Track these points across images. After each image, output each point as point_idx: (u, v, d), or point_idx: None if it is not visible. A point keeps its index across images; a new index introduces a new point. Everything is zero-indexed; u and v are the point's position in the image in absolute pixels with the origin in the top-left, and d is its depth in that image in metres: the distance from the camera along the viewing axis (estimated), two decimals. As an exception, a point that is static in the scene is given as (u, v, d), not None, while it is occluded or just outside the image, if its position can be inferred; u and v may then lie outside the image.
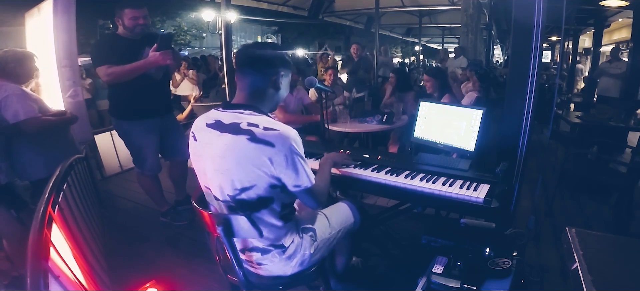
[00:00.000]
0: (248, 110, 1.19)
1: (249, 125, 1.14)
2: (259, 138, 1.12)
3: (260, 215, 1.21)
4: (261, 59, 1.21)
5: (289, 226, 1.30)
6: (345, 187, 1.86)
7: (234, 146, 1.14)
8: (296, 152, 1.16)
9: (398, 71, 4.06)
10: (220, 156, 1.16)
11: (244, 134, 1.13)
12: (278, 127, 1.15)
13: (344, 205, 1.58)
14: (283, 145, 1.13)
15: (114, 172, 3.79)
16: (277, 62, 1.23)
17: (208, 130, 1.21)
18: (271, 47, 1.26)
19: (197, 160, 1.26)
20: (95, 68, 2.24)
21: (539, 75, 1.68)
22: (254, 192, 1.17)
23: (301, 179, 1.19)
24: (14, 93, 1.99)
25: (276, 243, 1.27)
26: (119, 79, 2.21)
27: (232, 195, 1.19)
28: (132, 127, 2.40)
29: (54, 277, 1.08)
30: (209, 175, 1.23)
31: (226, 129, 1.16)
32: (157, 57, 2.21)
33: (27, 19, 3.60)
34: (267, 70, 1.22)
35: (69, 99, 2.98)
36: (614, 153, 3.70)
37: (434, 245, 1.57)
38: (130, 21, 2.23)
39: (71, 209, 1.68)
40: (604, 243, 0.98)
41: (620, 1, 5.10)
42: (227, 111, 1.21)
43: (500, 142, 1.86)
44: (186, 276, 2.06)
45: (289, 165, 1.15)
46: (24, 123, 1.99)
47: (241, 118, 1.16)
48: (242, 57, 1.24)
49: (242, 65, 1.23)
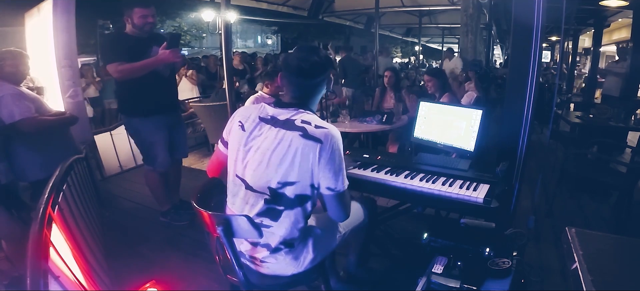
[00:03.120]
0: (302, 109, 1.25)
1: (302, 123, 1.20)
2: (310, 135, 1.18)
3: (293, 212, 1.24)
4: (315, 67, 1.25)
5: (305, 228, 1.31)
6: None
7: (287, 141, 1.19)
8: (338, 153, 1.20)
9: (393, 69, 4.05)
10: (271, 149, 1.20)
11: (297, 130, 1.19)
12: (327, 126, 1.21)
13: (355, 204, 1.58)
14: (330, 142, 1.18)
15: (114, 172, 3.79)
16: (328, 67, 1.29)
17: (261, 123, 1.26)
18: (316, 51, 1.29)
19: (239, 149, 1.28)
20: (106, 65, 2.27)
21: (539, 75, 1.68)
22: (296, 189, 1.20)
23: (337, 181, 1.21)
24: (9, 93, 1.99)
25: (288, 241, 1.27)
26: (130, 76, 2.25)
27: (274, 187, 1.21)
28: (144, 124, 2.43)
29: (53, 277, 1.08)
30: (250, 165, 1.25)
31: (280, 125, 1.22)
32: (167, 54, 2.27)
33: (26, 19, 3.60)
34: (319, 75, 1.27)
35: (68, 99, 2.98)
36: (614, 153, 3.70)
37: (434, 245, 1.57)
38: (140, 19, 2.28)
39: (71, 209, 1.68)
40: (604, 243, 0.98)
41: (620, 1, 5.10)
42: (281, 109, 1.26)
43: (500, 142, 1.86)
44: (186, 276, 2.06)
45: (329, 164, 1.18)
46: (20, 124, 1.98)
47: (295, 116, 1.23)
48: (296, 63, 1.25)
49: (295, 73, 1.26)
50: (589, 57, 9.90)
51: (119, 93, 2.51)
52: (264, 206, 1.24)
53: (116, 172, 3.80)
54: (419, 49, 12.51)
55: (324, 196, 1.24)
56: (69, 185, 1.76)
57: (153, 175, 2.56)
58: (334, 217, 1.31)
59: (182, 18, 14.99)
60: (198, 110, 4.41)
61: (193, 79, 5.62)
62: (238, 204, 1.30)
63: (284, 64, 1.30)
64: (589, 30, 9.88)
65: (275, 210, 1.23)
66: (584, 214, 2.83)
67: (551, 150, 3.74)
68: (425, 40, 15.51)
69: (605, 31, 8.65)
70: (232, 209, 1.33)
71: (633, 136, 3.95)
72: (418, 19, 9.31)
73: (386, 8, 7.39)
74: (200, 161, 4.37)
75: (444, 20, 9.77)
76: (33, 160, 2.14)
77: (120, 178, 3.73)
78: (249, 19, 13.18)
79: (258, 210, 1.24)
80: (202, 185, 1.42)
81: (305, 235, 1.32)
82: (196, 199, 1.30)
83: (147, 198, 2.71)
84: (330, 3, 8.03)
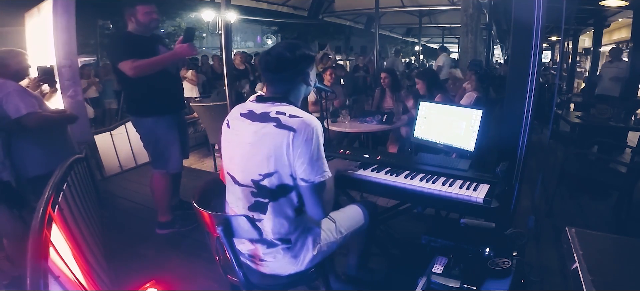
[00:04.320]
0: (278, 102, 1.25)
1: (277, 114, 1.20)
2: (283, 124, 1.17)
3: (278, 203, 1.23)
4: (285, 63, 1.24)
5: (299, 221, 1.30)
6: (345, 186, 1.86)
7: (262, 133, 1.20)
8: (314, 142, 1.17)
9: (390, 71, 4.06)
10: (249, 142, 1.22)
11: (271, 121, 1.19)
12: (302, 115, 1.19)
13: (355, 208, 1.58)
14: (304, 131, 1.16)
15: (114, 172, 3.79)
16: (303, 63, 1.28)
17: (241, 119, 1.27)
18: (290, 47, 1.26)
19: (227, 146, 1.32)
20: (118, 64, 2.18)
21: (539, 75, 1.68)
22: (275, 179, 1.20)
23: (312, 173, 1.18)
24: (15, 89, 2.01)
25: (284, 237, 1.27)
26: (146, 72, 2.19)
27: (255, 180, 1.22)
28: (158, 123, 2.36)
29: (53, 277, 1.08)
30: (235, 160, 1.28)
31: (257, 118, 1.23)
32: (185, 47, 2.26)
33: (27, 19, 3.61)
34: (290, 71, 1.26)
35: (68, 99, 2.99)
36: (614, 153, 3.70)
37: (434, 245, 1.57)
38: (145, 16, 2.25)
39: (71, 209, 1.68)
40: (604, 243, 0.98)
41: (620, 1, 5.10)
42: (260, 103, 1.27)
43: (500, 142, 1.86)
44: (186, 276, 2.06)
45: (303, 153, 1.16)
46: (26, 118, 1.99)
47: (271, 108, 1.22)
48: (269, 61, 1.24)
49: (263, 67, 1.27)
50: (589, 57, 9.90)
51: (129, 93, 2.42)
52: (252, 199, 1.25)
53: (116, 172, 3.81)
54: (419, 49, 12.51)
55: (300, 188, 1.22)
56: (69, 185, 1.76)
57: (164, 179, 2.47)
58: (309, 212, 1.27)
59: (182, 18, 14.99)
60: (198, 110, 4.41)
61: (193, 80, 5.62)
62: (232, 200, 1.33)
63: (258, 59, 1.33)
64: (589, 30, 9.89)
65: (261, 202, 1.24)
66: (584, 214, 2.83)
67: (551, 150, 3.74)
68: (425, 40, 15.50)
69: (605, 31, 8.66)
70: (229, 205, 1.36)
71: (633, 136, 3.95)
72: (418, 19, 9.31)
73: (386, 8, 7.39)
74: (200, 161, 4.37)
75: (444, 20, 9.77)
76: (35, 156, 2.14)
77: (120, 178, 3.73)
78: (249, 19, 13.18)
79: (249, 204, 1.26)
80: (202, 185, 1.42)
81: (304, 233, 1.32)
82: (196, 199, 1.31)
83: (147, 198, 2.70)
84: (330, 3, 8.03)
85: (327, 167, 1.22)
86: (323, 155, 1.22)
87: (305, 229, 1.34)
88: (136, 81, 2.22)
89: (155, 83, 2.27)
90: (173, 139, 2.43)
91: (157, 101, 2.34)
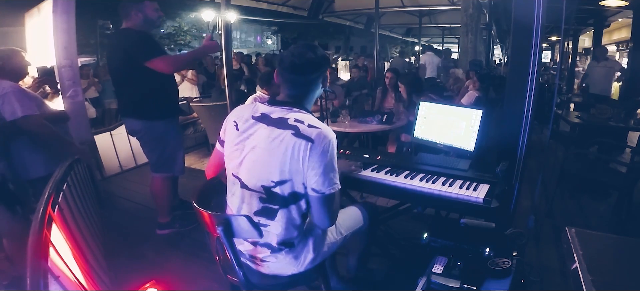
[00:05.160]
0: (296, 108, 1.24)
1: (295, 121, 1.19)
2: (302, 133, 1.17)
3: (288, 210, 1.23)
4: (309, 64, 1.24)
5: (303, 225, 1.30)
6: (345, 186, 1.86)
7: (279, 139, 1.18)
8: (330, 154, 1.18)
9: (395, 70, 4.06)
10: (263, 148, 1.20)
11: (289, 129, 1.18)
12: (321, 126, 1.20)
13: (355, 209, 1.58)
14: (322, 142, 1.16)
15: (114, 172, 3.79)
16: (323, 65, 1.28)
17: (253, 122, 1.25)
18: (312, 49, 1.27)
19: (235, 148, 1.28)
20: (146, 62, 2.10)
21: (539, 75, 1.68)
22: (288, 187, 1.19)
23: (324, 184, 1.18)
24: (12, 90, 1.98)
25: (288, 240, 1.27)
26: (182, 67, 2.22)
27: (267, 186, 1.21)
28: (169, 127, 2.32)
29: (53, 277, 1.08)
30: (245, 164, 1.25)
31: (273, 123, 1.21)
32: (214, 43, 2.26)
33: (27, 19, 3.61)
34: (313, 72, 1.26)
35: (69, 99, 2.99)
36: (614, 153, 3.70)
37: (434, 245, 1.57)
38: (154, 12, 2.25)
39: (71, 209, 1.67)
40: (604, 243, 0.98)
41: (620, 1, 5.11)
42: (274, 107, 1.25)
43: (500, 142, 1.86)
44: (186, 277, 2.06)
45: (318, 164, 1.16)
46: (21, 121, 1.97)
47: (289, 115, 1.21)
48: (289, 60, 1.24)
49: (289, 69, 1.25)
50: (589, 57, 9.90)
51: (138, 96, 2.25)
52: (260, 205, 1.24)
53: (116, 172, 3.81)
54: (419, 49, 12.50)
55: (309, 197, 1.21)
56: (69, 185, 1.76)
57: (166, 182, 2.45)
58: (316, 222, 1.25)
59: (182, 18, 15.00)
60: (198, 110, 4.41)
61: (193, 79, 5.61)
62: (235, 202, 1.30)
63: (279, 60, 1.30)
64: (589, 30, 9.90)
65: (271, 208, 1.23)
66: (584, 214, 2.83)
67: (551, 150, 3.73)
68: (426, 40, 15.47)
69: (605, 31, 8.67)
70: (230, 207, 1.34)
71: (633, 136, 3.95)
72: (418, 19, 9.31)
73: (386, 8, 7.39)
74: (200, 161, 4.37)
75: (444, 20, 9.77)
76: (35, 157, 2.13)
77: (120, 178, 3.73)
78: (249, 19, 13.19)
79: (255, 209, 1.25)
80: (202, 185, 1.42)
81: (306, 234, 1.32)
82: (196, 199, 1.31)
83: (147, 198, 2.70)
84: (330, 3, 8.03)
85: (338, 179, 1.22)
86: (336, 168, 1.22)
87: (307, 231, 1.34)
88: (148, 83, 2.16)
89: (165, 85, 2.26)
90: (180, 142, 2.44)
91: (169, 103, 2.33)
